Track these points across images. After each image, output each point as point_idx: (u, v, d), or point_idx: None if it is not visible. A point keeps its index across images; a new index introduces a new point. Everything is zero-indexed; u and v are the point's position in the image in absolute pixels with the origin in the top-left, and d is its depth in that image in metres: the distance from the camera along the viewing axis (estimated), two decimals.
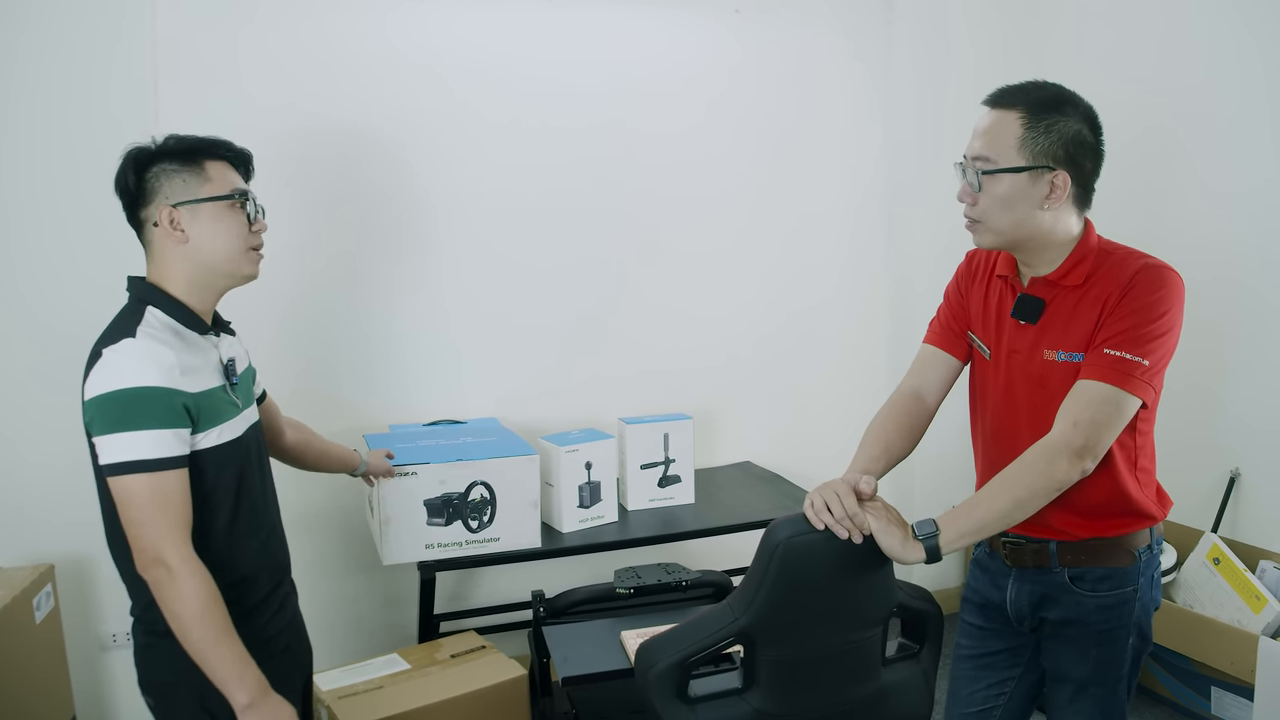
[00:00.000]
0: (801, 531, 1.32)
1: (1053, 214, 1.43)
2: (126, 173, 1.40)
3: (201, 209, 1.41)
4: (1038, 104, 1.40)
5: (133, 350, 1.31)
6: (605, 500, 2.43)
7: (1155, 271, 1.41)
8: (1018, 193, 1.41)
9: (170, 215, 1.39)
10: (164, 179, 1.40)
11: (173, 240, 1.40)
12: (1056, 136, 1.39)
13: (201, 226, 1.41)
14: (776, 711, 1.37)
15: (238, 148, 1.49)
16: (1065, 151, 1.40)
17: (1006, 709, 1.66)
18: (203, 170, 1.42)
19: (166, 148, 1.42)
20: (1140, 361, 1.37)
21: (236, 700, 1.30)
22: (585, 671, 1.81)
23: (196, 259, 1.42)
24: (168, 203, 1.40)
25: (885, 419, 1.62)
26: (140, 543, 1.29)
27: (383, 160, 2.51)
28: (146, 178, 1.40)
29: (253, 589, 1.47)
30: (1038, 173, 1.40)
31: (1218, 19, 2.50)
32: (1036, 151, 1.39)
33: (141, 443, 1.28)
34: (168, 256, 1.42)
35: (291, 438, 1.80)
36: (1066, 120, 1.40)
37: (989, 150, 1.42)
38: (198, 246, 1.41)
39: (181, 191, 1.40)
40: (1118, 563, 1.50)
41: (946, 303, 1.69)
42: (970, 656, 1.68)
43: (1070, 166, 1.41)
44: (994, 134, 1.42)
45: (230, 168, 1.47)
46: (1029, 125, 1.40)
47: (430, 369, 2.61)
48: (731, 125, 2.86)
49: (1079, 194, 1.45)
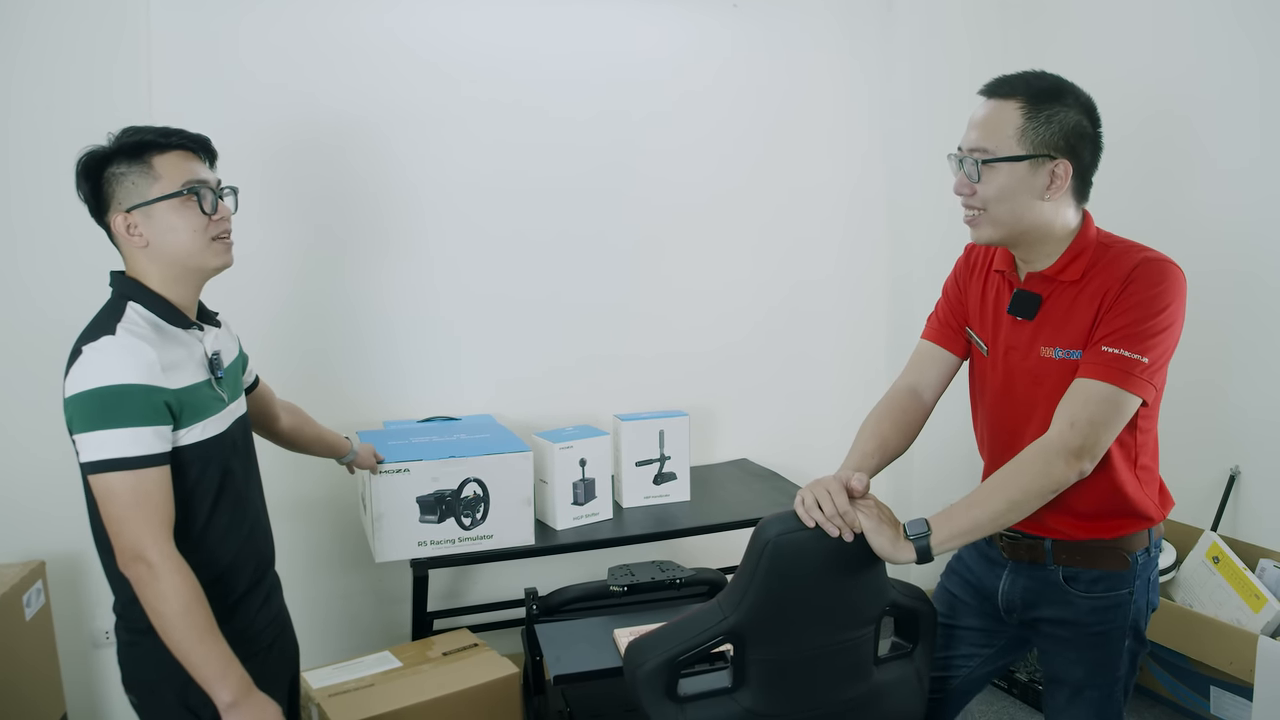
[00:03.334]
0: (791, 529, 1.31)
1: (1052, 205, 1.40)
2: (81, 182, 1.38)
3: (154, 210, 1.37)
4: (1038, 93, 1.38)
5: (112, 347, 1.30)
6: (600, 497, 2.41)
7: (1155, 265, 1.38)
8: (1018, 183, 1.38)
9: (125, 221, 1.37)
10: (115, 184, 1.37)
11: (133, 245, 1.39)
12: (1057, 126, 1.37)
13: (157, 227, 1.38)
14: (767, 711, 1.36)
15: (190, 134, 1.42)
16: (1066, 141, 1.38)
17: (966, 680, 1.65)
18: (151, 168, 1.38)
19: (120, 145, 1.38)
20: (1140, 359, 1.34)
21: (220, 699, 1.29)
22: (578, 670, 1.80)
23: (161, 259, 1.39)
24: (121, 209, 1.37)
25: (881, 415, 1.60)
26: (121, 540, 1.29)
27: (376, 151, 2.49)
28: (100, 184, 1.38)
29: (236, 583, 1.46)
30: (1038, 162, 1.38)
31: (1214, 8, 2.47)
32: (1037, 141, 1.37)
33: (121, 440, 1.27)
34: (136, 258, 1.40)
35: (286, 422, 1.81)
36: (1067, 110, 1.38)
37: (987, 141, 1.40)
38: (159, 248, 1.39)
39: (133, 194, 1.37)
40: (1112, 567, 1.48)
41: (945, 298, 1.67)
42: (942, 624, 1.64)
43: (1070, 156, 1.38)
44: (992, 124, 1.40)
45: (187, 157, 1.41)
46: (1029, 115, 1.37)
47: (425, 366, 2.60)
48: (729, 119, 2.84)
49: (1078, 185, 1.43)
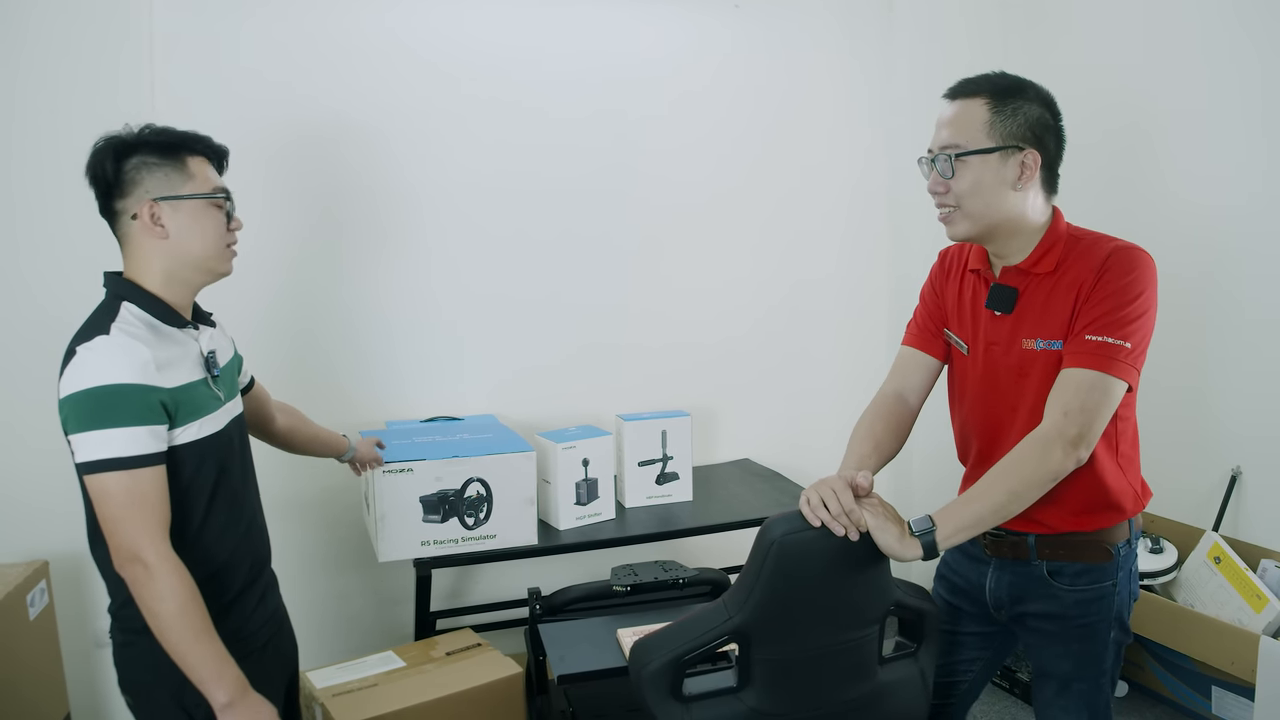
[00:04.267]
0: (797, 529, 1.31)
1: (1023, 196, 1.46)
2: (104, 161, 1.38)
3: (183, 205, 1.39)
4: (1001, 90, 1.45)
5: (107, 347, 1.30)
6: (602, 497, 2.42)
7: (1126, 253, 1.43)
8: (990, 174, 1.44)
9: (151, 209, 1.38)
10: (145, 172, 1.38)
11: (152, 235, 1.39)
12: (1023, 118, 1.44)
13: (182, 223, 1.39)
14: (772, 710, 1.36)
15: (216, 144, 1.47)
16: (1032, 132, 1.44)
17: (972, 683, 1.69)
18: (185, 166, 1.41)
19: (145, 138, 1.40)
20: (1123, 344, 1.38)
21: (215, 699, 1.29)
22: (581, 670, 1.80)
23: (174, 254, 1.40)
24: (149, 196, 1.38)
25: (872, 419, 1.63)
26: (117, 540, 1.28)
27: (376, 151, 2.49)
28: (126, 168, 1.38)
29: (231, 582, 1.45)
30: (1007, 153, 1.44)
31: (1214, 15, 2.48)
32: (1005, 133, 1.43)
33: (116, 441, 1.27)
34: (145, 250, 1.40)
35: (282, 423, 1.81)
36: (1029, 104, 1.45)
37: (958, 137, 1.45)
38: (177, 242, 1.40)
39: (163, 186, 1.39)
40: (1096, 559, 1.51)
41: (922, 303, 1.71)
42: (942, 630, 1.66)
43: (1038, 146, 1.45)
44: (960, 122, 1.46)
45: (209, 164, 1.45)
46: (995, 109, 1.44)
47: (426, 367, 2.60)
48: (728, 118, 2.84)
49: (1046, 177, 1.48)
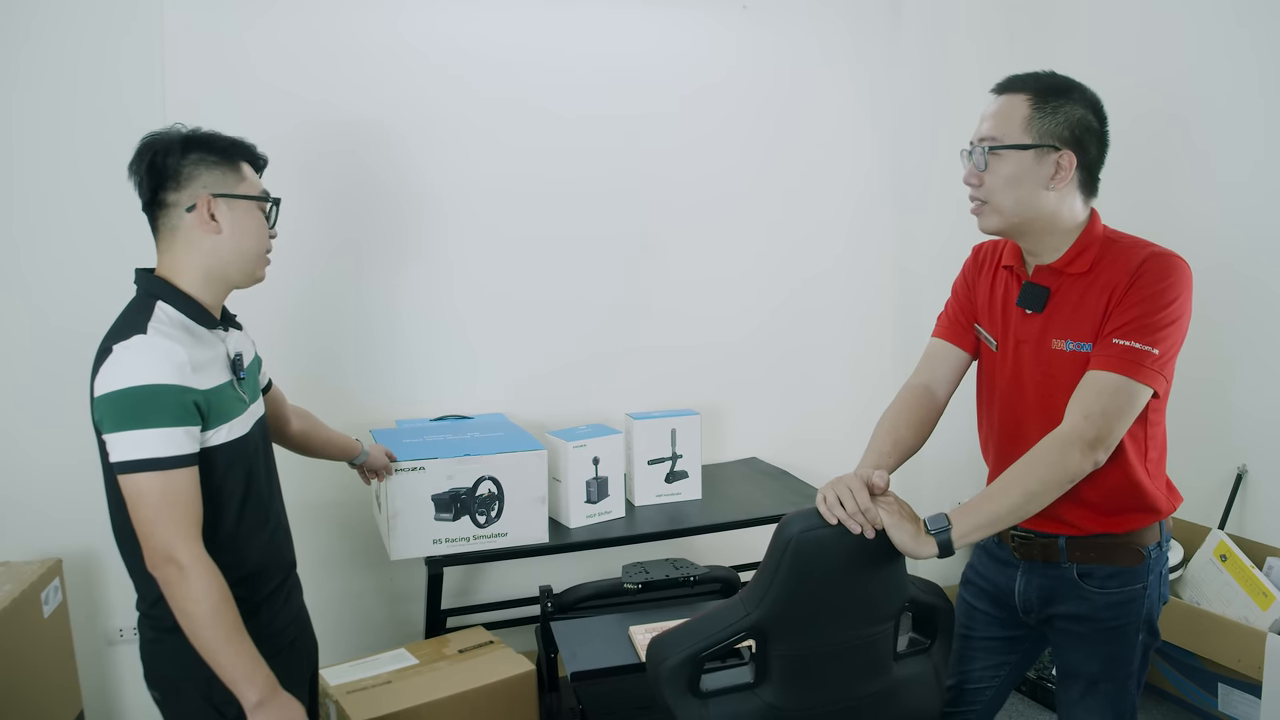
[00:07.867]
0: (814, 526, 1.32)
1: (1057, 196, 1.44)
2: (168, 152, 1.38)
3: (237, 205, 1.42)
4: (1045, 88, 1.44)
5: (144, 347, 1.30)
6: (612, 496, 2.43)
7: (1162, 259, 1.42)
8: (1024, 171, 1.43)
9: (209, 204, 1.40)
10: (204, 167, 1.40)
11: (204, 230, 1.40)
12: (1063, 118, 1.42)
13: (234, 222, 1.42)
14: (788, 706, 1.37)
15: (260, 153, 1.52)
16: (1071, 133, 1.43)
17: (999, 690, 1.68)
18: (239, 169, 1.44)
19: (204, 138, 1.42)
20: (1150, 350, 1.37)
21: (247, 699, 1.30)
22: (593, 667, 1.81)
23: (220, 253, 1.42)
24: (206, 191, 1.40)
25: (896, 414, 1.62)
26: (151, 541, 1.28)
27: (389, 153, 2.50)
28: (185, 162, 1.39)
29: (261, 584, 1.47)
30: (1043, 151, 1.42)
31: (1221, 16, 2.48)
32: (1043, 131, 1.42)
33: (153, 441, 1.27)
34: (190, 245, 1.40)
35: (297, 426, 1.82)
36: (1073, 105, 1.43)
37: (996, 130, 1.45)
38: (230, 240, 1.42)
39: (220, 184, 1.41)
40: (1127, 562, 1.50)
41: (954, 296, 1.70)
42: (969, 636, 1.68)
43: (1075, 148, 1.43)
44: (1001, 116, 1.45)
45: (255, 171, 1.50)
46: (1036, 107, 1.43)
47: (437, 366, 2.61)
48: (737, 120, 2.85)
49: (1084, 179, 1.47)
